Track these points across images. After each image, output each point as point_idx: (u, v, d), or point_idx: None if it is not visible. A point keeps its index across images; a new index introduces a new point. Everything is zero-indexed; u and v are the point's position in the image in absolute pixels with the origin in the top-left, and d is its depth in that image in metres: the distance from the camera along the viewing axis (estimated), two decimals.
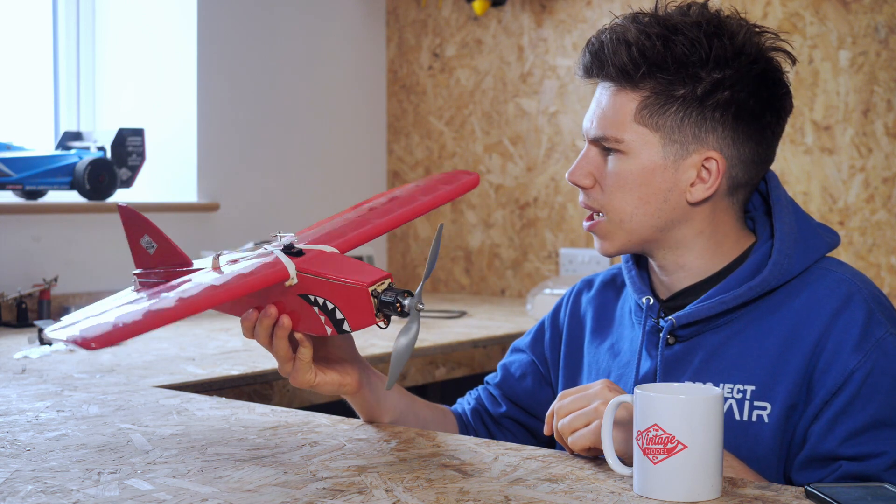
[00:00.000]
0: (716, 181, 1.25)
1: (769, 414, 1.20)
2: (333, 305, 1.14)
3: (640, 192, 1.26)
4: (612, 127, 1.26)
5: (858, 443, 1.16)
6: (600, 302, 1.45)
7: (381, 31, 3.55)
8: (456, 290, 3.43)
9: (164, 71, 3.03)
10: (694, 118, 1.24)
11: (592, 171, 1.29)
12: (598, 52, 1.27)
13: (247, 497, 1.02)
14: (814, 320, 1.22)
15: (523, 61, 3.26)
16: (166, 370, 1.84)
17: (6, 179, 2.56)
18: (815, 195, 2.75)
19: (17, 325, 2.42)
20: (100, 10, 3.05)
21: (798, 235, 1.27)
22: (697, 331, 1.27)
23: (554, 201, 3.21)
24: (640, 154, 1.25)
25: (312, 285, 1.15)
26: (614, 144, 1.26)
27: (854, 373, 1.17)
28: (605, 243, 1.31)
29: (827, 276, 1.25)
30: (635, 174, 1.26)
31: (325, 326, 1.16)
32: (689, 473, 0.99)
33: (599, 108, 1.28)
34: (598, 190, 1.29)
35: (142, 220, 1.35)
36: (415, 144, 3.51)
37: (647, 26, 1.24)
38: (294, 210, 3.27)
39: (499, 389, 1.51)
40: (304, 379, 1.23)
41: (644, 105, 1.24)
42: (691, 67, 1.23)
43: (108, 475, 1.10)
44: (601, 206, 1.29)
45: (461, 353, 2.30)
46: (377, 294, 1.12)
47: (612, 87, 1.27)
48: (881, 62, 2.65)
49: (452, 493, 1.02)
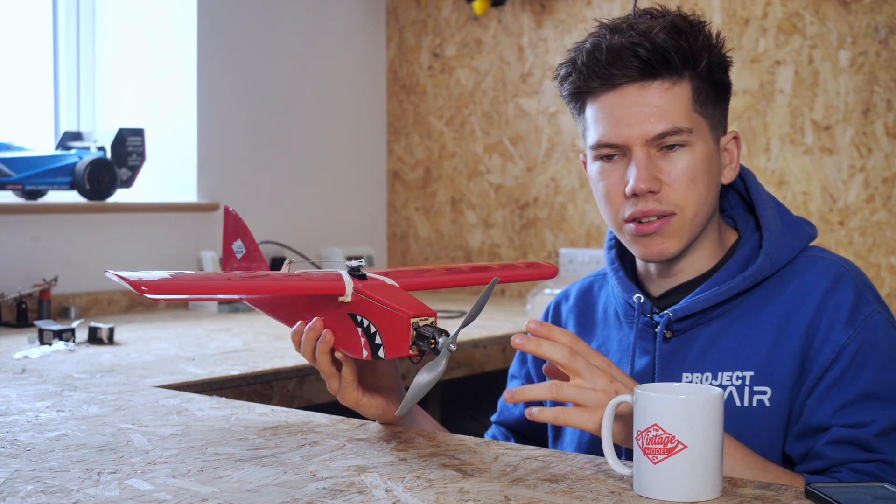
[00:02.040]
0: (738, 158, 1.33)
1: (770, 398, 1.23)
2: (375, 329, 1.17)
3: (706, 182, 1.28)
4: (680, 119, 1.25)
5: (849, 413, 1.19)
6: (580, 309, 1.46)
7: (381, 31, 3.55)
8: (456, 289, 3.43)
9: (164, 71, 3.03)
10: (720, 101, 1.31)
11: (657, 174, 1.26)
12: (634, 48, 1.24)
13: (247, 497, 1.02)
14: (806, 303, 1.25)
15: (523, 61, 3.26)
16: (166, 370, 1.84)
17: (6, 179, 2.56)
18: (815, 195, 2.75)
19: (17, 325, 2.42)
20: (100, 10, 3.05)
21: (783, 227, 1.31)
22: (692, 324, 1.29)
23: (554, 201, 3.21)
24: (701, 143, 1.27)
25: (363, 306, 1.19)
26: (685, 137, 1.26)
27: (845, 348, 1.21)
28: (671, 242, 1.28)
29: (816, 261, 1.29)
30: (702, 164, 1.27)
31: (362, 349, 1.19)
32: (689, 473, 0.99)
33: (649, 107, 1.25)
34: (668, 191, 1.26)
35: (241, 225, 1.43)
36: (415, 144, 3.51)
37: (666, 23, 1.26)
38: (294, 210, 3.27)
39: (502, 425, 1.53)
40: (350, 397, 1.28)
41: (696, 94, 1.27)
42: (712, 54, 1.28)
43: (108, 475, 1.10)
44: (675, 205, 1.26)
45: (461, 353, 2.29)
46: (417, 327, 1.15)
47: (661, 83, 1.25)
48: (881, 62, 2.65)
49: (452, 493, 1.02)
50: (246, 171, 3.14)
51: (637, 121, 1.25)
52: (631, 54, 1.24)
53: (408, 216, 3.54)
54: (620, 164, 1.28)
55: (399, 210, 3.56)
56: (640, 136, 1.25)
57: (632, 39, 1.24)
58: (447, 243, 3.43)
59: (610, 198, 1.29)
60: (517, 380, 1.53)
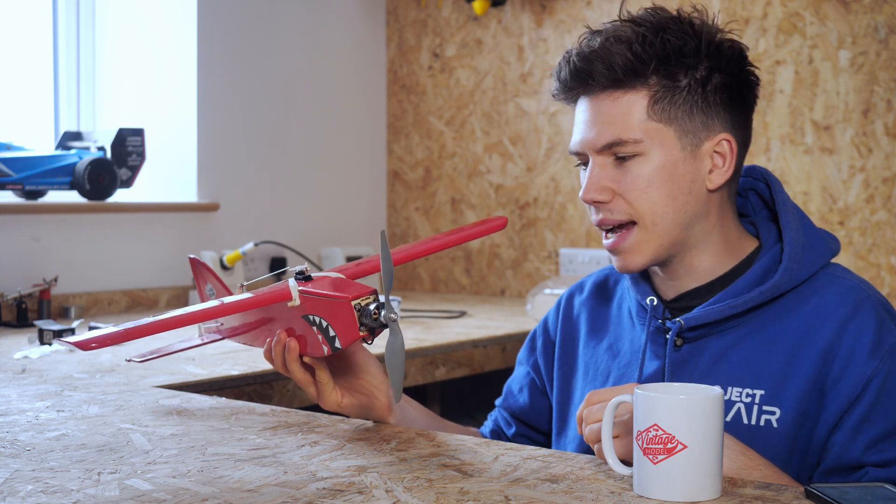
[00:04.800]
0: (731, 163, 1.27)
1: (778, 419, 1.20)
2: (327, 323, 1.21)
3: (666, 190, 1.25)
4: (626, 129, 1.24)
5: (882, 449, 1.16)
6: (594, 303, 1.45)
7: (381, 31, 3.55)
8: (456, 290, 3.43)
9: (164, 71, 3.03)
10: (700, 105, 1.26)
11: (607, 184, 1.26)
12: (591, 59, 1.25)
13: (247, 497, 1.02)
14: (824, 326, 1.22)
15: (523, 61, 3.26)
16: (166, 370, 1.84)
17: (6, 179, 2.56)
18: (815, 195, 2.75)
19: (17, 325, 2.42)
20: (100, 10, 3.05)
21: (805, 241, 1.28)
22: (704, 333, 1.27)
23: (554, 201, 3.21)
24: (658, 151, 1.25)
25: (311, 305, 1.23)
26: (632, 147, 1.24)
27: (871, 380, 1.18)
28: (634, 256, 1.27)
29: (835, 281, 1.26)
30: (659, 172, 1.25)
31: (321, 346, 1.23)
32: (689, 473, 0.99)
33: (601, 116, 1.26)
34: (619, 201, 1.26)
35: (206, 270, 1.51)
36: (415, 144, 3.51)
37: (636, 26, 1.25)
38: (294, 210, 3.27)
39: (506, 410, 1.53)
40: (330, 400, 1.30)
41: (655, 100, 1.24)
42: (688, 57, 1.25)
43: (108, 475, 1.10)
44: (629, 214, 1.26)
45: (461, 353, 2.30)
46: (360, 307, 1.18)
47: (612, 92, 1.25)
48: (881, 62, 2.65)
49: (452, 493, 1.02)
50: (246, 171, 3.14)
51: (588, 129, 1.27)
52: (585, 65, 1.25)
53: (408, 216, 3.54)
54: None
55: (399, 210, 3.56)
56: (589, 145, 1.27)
57: (590, 49, 1.25)
58: None
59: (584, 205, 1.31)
60: (524, 366, 1.52)
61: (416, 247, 1.41)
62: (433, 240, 1.42)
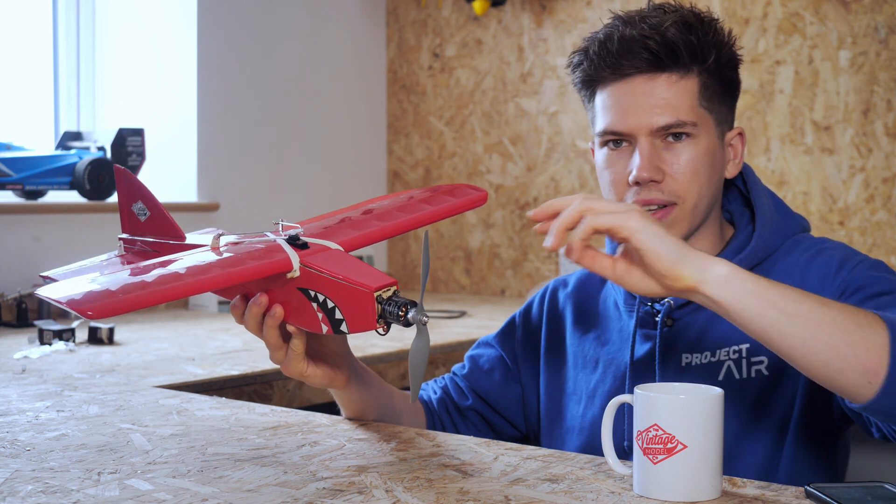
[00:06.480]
0: (743, 154, 1.36)
1: (767, 366, 1.27)
2: (334, 304, 1.11)
3: (709, 175, 1.30)
4: (686, 112, 1.28)
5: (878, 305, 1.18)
6: (579, 297, 1.47)
7: (381, 31, 3.55)
8: (456, 290, 3.43)
9: (164, 71, 3.03)
10: (727, 98, 1.33)
11: (659, 164, 1.29)
12: (650, 39, 1.26)
13: (247, 497, 1.02)
14: (793, 272, 1.29)
15: (523, 61, 3.26)
16: (166, 370, 1.84)
17: (6, 179, 2.56)
18: (815, 195, 2.75)
19: (17, 325, 2.42)
20: (100, 10, 3.05)
21: (775, 215, 1.35)
22: (691, 310, 1.33)
23: None
24: (705, 137, 1.30)
25: (315, 280, 1.12)
26: (689, 129, 1.28)
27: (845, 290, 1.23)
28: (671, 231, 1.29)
29: (800, 241, 1.33)
30: (705, 157, 1.30)
31: (321, 324, 1.13)
32: (689, 473, 0.99)
33: (655, 98, 1.28)
34: (670, 181, 1.29)
35: (138, 185, 1.32)
36: (415, 144, 3.51)
37: (678, 17, 1.28)
38: (294, 210, 3.27)
39: (466, 381, 1.51)
40: (295, 369, 1.21)
41: (703, 89, 1.29)
42: (721, 50, 1.30)
43: (108, 475, 1.10)
44: (677, 195, 1.29)
45: (461, 353, 2.29)
46: (381, 300, 1.09)
47: (670, 74, 1.28)
48: (881, 62, 2.65)
49: (452, 493, 1.02)
50: (246, 171, 3.14)
51: (643, 111, 1.28)
52: (641, 46, 1.27)
53: None
54: (626, 152, 1.31)
55: None
56: (645, 126, 1.28)
57: (643, 32, 1.27)
58: (447, 243, 3.43)
59: (615, 185, 1.32)
60: (495, 349, 1.51)
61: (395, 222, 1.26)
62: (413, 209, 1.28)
